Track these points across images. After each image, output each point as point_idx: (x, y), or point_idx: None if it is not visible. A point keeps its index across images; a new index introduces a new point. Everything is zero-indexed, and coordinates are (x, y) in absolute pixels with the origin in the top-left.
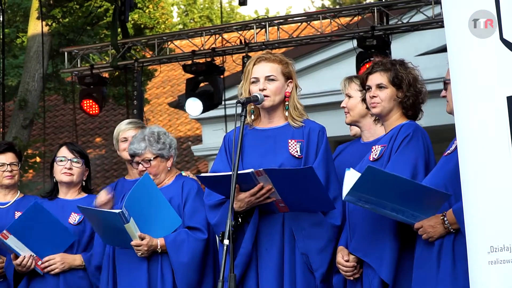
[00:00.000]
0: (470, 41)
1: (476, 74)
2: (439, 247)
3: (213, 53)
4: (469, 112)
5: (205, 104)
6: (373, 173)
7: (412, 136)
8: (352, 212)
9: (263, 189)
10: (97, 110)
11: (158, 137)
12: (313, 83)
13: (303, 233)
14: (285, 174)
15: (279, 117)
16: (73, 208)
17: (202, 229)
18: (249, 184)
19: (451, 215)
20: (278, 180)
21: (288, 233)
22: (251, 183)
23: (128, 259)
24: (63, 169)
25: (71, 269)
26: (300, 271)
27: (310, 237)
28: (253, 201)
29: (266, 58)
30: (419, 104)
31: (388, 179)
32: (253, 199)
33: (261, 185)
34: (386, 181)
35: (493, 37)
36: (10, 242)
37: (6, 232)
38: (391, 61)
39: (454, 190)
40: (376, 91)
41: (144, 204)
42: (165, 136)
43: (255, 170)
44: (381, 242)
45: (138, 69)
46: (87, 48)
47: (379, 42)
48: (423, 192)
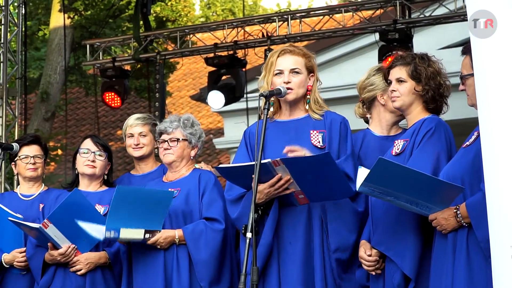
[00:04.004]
0: None
1: (500, 67)
2: (453, 240)
3: (235, 46)
4: (492, 105)
5: (227, 97)
6: (385, 166)
7: (434, 130)
8: (375, 205)
9: (282, 180)
10: (119, 102)
11: (192, 123)
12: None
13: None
14: (302, 162)
15: (300, 109)
16: (96, 199)
17: (220, 219)
18: (267, 175)
19: (464, 209)
20: (295, 169)
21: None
22: (270, 175)
23: (144, 251)
24: (86, 161)
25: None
26: (329, 267)
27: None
28: (272, 192)
29: (290, 50)
30: (440, 98)
31: (400, 171)
32: (272, 190)
33: (280, 176)
34: (398, 173)
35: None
36: (50, 231)
37: (47, 221)
38: (412, 55)
39: (471, 182)
40: (396, 85)
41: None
42: (198, 126)
43: (272, 160)
44: (403, 236)
45: (160, 62)
46: (109, 41)
47: (401, 36)
48: (435, 184)
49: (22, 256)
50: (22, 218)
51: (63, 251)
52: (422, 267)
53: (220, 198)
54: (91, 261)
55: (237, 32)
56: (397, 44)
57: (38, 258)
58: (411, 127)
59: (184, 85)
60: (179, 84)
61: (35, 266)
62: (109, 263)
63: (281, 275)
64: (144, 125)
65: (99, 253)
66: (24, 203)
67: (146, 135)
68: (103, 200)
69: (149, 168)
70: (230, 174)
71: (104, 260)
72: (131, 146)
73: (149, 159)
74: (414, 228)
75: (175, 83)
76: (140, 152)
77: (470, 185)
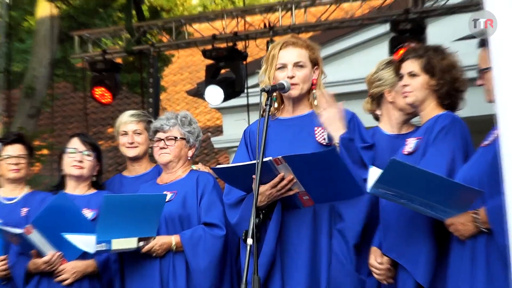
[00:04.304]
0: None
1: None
2: (471, 246)
3: (235, 37)
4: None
5: (226, 92)
6: (397, 167)
7: (450, 127)
8: (385, 209)
9: (284, 180)
10: (109, 98)
11: (190, 121)
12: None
13: None
14: (306, 159)
15: (304, 105)
16: (84, 203)
17: (220, 224)
18: (269, 175)
19: (484, 214)
20: (299, 168)
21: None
22: (271, 175)
23: (138, 259)
24: (73, 161)
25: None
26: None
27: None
28: (274, 194)
29: (293, 42)
30: (456, 93)
31: (414, 173)
32: (274, 191)
33: (282, 176)
34: (412, 175)
35: None
36: (34, 237)
37: (30, 226)
38: (425, 47)
39: (490, 184)
40: (408, 80)
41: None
42: (196, 124)
43: (273, 158)
44: (416, 241)
45: (154, 55)
46: (99, 32)
47: (414, 26)
48: (452, 187)
49: (3, 264)
50: (2, 223)
51: (47, 259)
52: (437, 276)
53: (220, 202)
54: (78, 270)
55: (237, 22)
56: (409, 36)
57: (21, 266)
58: (424, 124)
59: (180, 79)
60: (174, 78)
61: (17, 275)
62: (97, 272)
63: (284, 285)
64: (139, 123)
65: (87, 262)
66: (6, 207)
67: (141, 133)
68: (91, 204)
69: (143, 169)
70: (228, 175)
71: (92, 269)
72: (124, 145)
73: (143, 160)
74: (428, 234)
75: (170, 77)
76: (135, 151)
77: (489, 187)
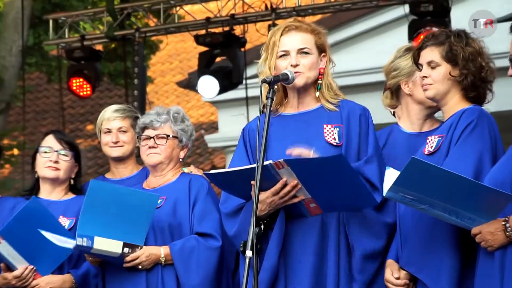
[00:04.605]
0: None
1: None
2: (500, 258)
3: (232, 20)
4: None
5: (222, 83)
6: (418, 167)
7: (476, 123)
8: (404, 217)
9: (288, 186)
10: (89, 91)
11: (183, 118)
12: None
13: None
14: (310, 164)
15: (311, 98)
16: (60, 210)
17: (215, 235)
18: (270, 181)
19: None
20: (303, 173)
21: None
22: (273, 180)
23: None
24: (48, 162)
25: None
26: None
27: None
28: (276, 202)
29: (296, 27)
30: (483, 83)
31: (437, 174)
32: (276, 199)
33: (285, 181)
34: (434, 177)
35: None
36: (3, 249)
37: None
38: (446, 33)
39: None
40: (428, 70)
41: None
42: (189, 122)
43: (274, 161)
44: (438, 253)
45: (139, 41)
46: (77, 15)
47: (436, 8)
48: (480, 191)
49: None
50: None
51: (19, 274)
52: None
53: (215, 209)
54: (53, 286)
55: (235, 3)
56: (431, 19)
57: None
58: (447, 120)
59: (169, 69)
60: (162, 68)
61: None
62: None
63: None
64: (124, 119)
65: (63, 276)
66: None
67: (126, 131)
68: (68, 211)
69: (128, 171)
70: (224, 181)
71: (69, 284)
72: (108, 144)
73: (129, 161)
74: (452, 244)
75: (158, 66)
76: (119, 151)
77: None
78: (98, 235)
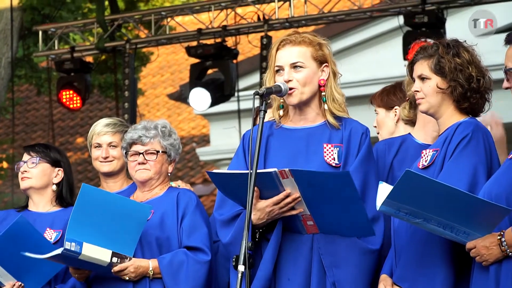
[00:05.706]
0: None
1: None
2: (495, 273)
3: (224, 32)
4: None
5: (213, 96)
6: (413, 180)
7: (471, 137)
8: (398, 231)
9: (289, 197)
10: (79, 103)
11: (170, 133)
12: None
13: (330, 260)
14: (316, 178)
15: (314, 112)
16: (48, 222)
17: (204, 248)
18: (271, 190)
19: (510, 236)
20: (306, 187)
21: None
22: (275, 189)
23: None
24: (20, 174)
25: None
26: None
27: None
28: (276, 212)
29: (291, 40)
30: (475, 94)
31: (431, 187)
32: (276, 208)
33: (288, 192)
34: (429, 190)
35: None
36: None
37: None
38: (436, 44)
39: None
40: (419, 84)
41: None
42: (176, 136)
43: (279, 169)
44: (432, 269)
45: (130, 52)
46: (67, 26)
47: (431, 19)
48: (475, 205)
49: None
50: None
51: None
52: None
53: (204, 223)
54: None
55: (227, 14)
56: (426, 30)
57: None
58: (442, 133)
59: (160, 81)
60: (153, 80)
61: None
62: None
63: None
64: (115, 134)
65: None
66: None
67: (117, 145)
68: (55, 223)
69: (118, 186)
70: (224, 183)
71: None
72: (98, 159)
73: (119, 176)
74: (446, 259)
75: (149, 78)
76: (110, 166)
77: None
78: (87, 242)
